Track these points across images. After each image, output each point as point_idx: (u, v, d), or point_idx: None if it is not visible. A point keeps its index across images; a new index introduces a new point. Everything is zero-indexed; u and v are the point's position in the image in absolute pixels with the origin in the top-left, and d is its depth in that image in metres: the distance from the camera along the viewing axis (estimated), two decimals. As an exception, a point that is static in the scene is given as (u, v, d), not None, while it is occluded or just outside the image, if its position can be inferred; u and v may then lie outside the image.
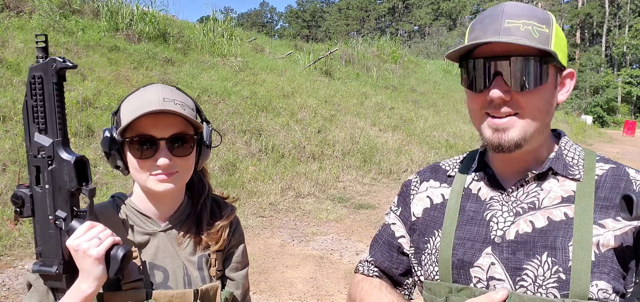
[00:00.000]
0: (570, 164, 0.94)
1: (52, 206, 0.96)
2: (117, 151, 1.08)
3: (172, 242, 1.15)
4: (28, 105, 0.95)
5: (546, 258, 0.86)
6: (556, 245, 0.87)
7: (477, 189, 0.99)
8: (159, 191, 1.08)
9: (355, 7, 71.72)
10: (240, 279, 1.25)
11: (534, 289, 0.86)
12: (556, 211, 0.90)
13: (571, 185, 0.92)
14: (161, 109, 1.03)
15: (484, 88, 0.88)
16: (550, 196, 0.92)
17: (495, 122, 0.88)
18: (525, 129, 0.88)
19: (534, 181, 0.94)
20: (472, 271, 0.92)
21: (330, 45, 18.12)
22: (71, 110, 6.20)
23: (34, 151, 0.95)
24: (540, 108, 0.88)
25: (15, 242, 4.28)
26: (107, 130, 1.09)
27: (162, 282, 1.11)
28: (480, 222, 0.95)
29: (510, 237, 0.91)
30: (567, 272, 0.84)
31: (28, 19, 8.54)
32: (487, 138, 0.90)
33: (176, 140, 1.08)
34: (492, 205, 0.96)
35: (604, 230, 0.86)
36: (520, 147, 0.89)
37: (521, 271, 0.88)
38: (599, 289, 0.83)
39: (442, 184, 1.06)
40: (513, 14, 0.86)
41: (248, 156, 7.58)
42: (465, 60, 0.92)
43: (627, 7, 48.98)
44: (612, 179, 0.91)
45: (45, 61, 0.93)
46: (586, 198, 0.89)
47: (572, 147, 0.97)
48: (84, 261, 0.93)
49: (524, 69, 0.85)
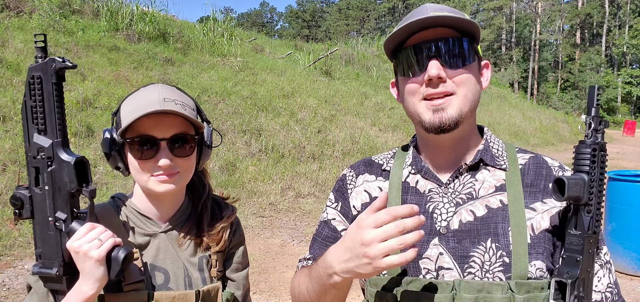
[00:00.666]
0: (496, 155, 1.01)
1: (52, 207, 0.95)
2: (117, 151, 1.08)
3: (173, 243, 1.15)
4: (27, 106, 0.94)
5: (490, 244, 0.92)
6: (498, 231, 0.93)
7: (415, 182, 1.03)
8: (160, 191, 1.07)
9: (355, 7, 71.70)
10: (241, 279, 1.24)
11: (482, 275, 0.91)
12: (493, 199, 0.96)
13: (501, 174, 0.99)
14: (162, 109, 1.02)
15: (421, 70, 0.93)
16: (485, 185, 0.98)
17: (434, 103, 0.93)
18: (461, 106, 0.93)
19: (467, 172, 1.00)
20: (421, 263, 0.94)
21: (330, 45, 18.11)
22: (71, 110, 6.20)
23: (33, 152, 0.94)
24: (471, 87, 0.94)
25: (15, 242, 4.28)
26: (107, 131, 1.08)
27: (163, 283, 1.11)
28: (424, 214, 0.96)
29: (454, 226, 0.95)
30: (510, 255, 0.91)
31: (28, 19, 8.53)
32: (428, 121, 0.94)
33: (177, 141, 1.07)
34: (432, 197, 0.99)
35: (535, 213, 0.94)
36: (458, 126, 0.94)
37: (468, 258, 0.92)
38: (537, 268, 0.90)
39: (378, 177, 1.08)
40: (436, 8, 0.94)
41: (248, 155, 7.58)
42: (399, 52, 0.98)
43: (627, 7, 48.97)
44: (535, 167, 1.00)
45: (44, 61, 0.92)
46: (515, 185, 0.96)
47: (495, 139, 1.05)
48: (84, 263, 0.93)
49: (454, 47, 0.92)
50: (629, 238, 4.70)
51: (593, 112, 0.90)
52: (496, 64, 51.17)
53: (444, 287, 0.91)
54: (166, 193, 1.08)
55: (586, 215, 0.88)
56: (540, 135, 18.31)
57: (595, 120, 0.90)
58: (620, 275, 4.79)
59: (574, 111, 34.45)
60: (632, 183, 4.65)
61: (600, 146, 0.89)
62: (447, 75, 0.92)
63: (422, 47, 0.93)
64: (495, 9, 53.97)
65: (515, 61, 51.26)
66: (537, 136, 18.10)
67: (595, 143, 0.89)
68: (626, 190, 4.68)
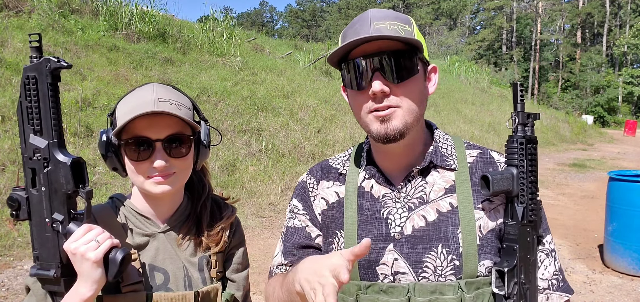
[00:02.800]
0: (446, 154, 1.03)
1: (49, 208, 0.94)
2: (114, 153, 1.07)
3: (172, 244, 1.14)
4: (22, 106, 0.93)
5: (441, 249, 0.96)
6: (448, 235, 0.96)
7: (370, 187, 1.05)
8: (156, 193, 1.06)
9: (355, 7, 71.65)
10: (241, 280, 1.23)
11: (435, 278, 0.95)
12: (442, 203, 0.99)
13: (450, 175, 1.01)
14: (155, 110, 1.01)
15: (364, 85, 0.95)
16: (435, 188, 1.01)
17: (380, 114, 0.95)
18: (405, 118, 0.95)
19: (419, 176, 1.02)
20: (379, 269, 0.98)
21: (330, 44, 18.10)
22: (70, 110, 6.19)
23: (30, 153, 0.93)
24: (415, 98, 0.96)
25: (14, 242, 4.27)
26: (104, 132, 1.07)
27: (162, 284, 1.10)
28: (379, 220, 1.01)
29: (407, 232, 0.98)
30: (460, 258, 0.95)
31: (27, 19, 8.52)
32: (375, 131, 0.96)
33: (173, 141, 1.06)
34: (386, 202, 1.02)
35: (483, 213, 0.98)
36: (404, 136, 0.96)
37: (422, 263, 0.96)
38: (486, 267, 0.95)
39: (334, 182, 1.10)
40: (379, 17, 0.94)
41: (248, 156, 7.57)
42: (344, 63, 0.98)
43: (628, 6, 48.96)
44: (482, 165, 1.03)
45: (39, 61, 0.91)
46: (464, 186, 0.99)
47: (444, 137, 1.07)
48: (82, 265, 0.92)
49: (398, 62, 0.93)
50: (629, 238, 4.69)
51: (518, 107, 0.94)
52: (497, 63, 51.18)
53: (400, 291, 0.94)
54: (163, 194, 1.07)
55: (519, 206, 0.93)
56: (541, 135, 18.28)
57: (521, 115, 0.94)
58: (621, 275, 4.78)
59: (575, 111, 34.45)
60: (632, 183, 4.64)
61: (529, 139, 0.94)
62: (390, 90, 0.94)
63: (366, 62, 0.94)
64: (495, 9, 53.97)
65: (515, 61, 51.28)
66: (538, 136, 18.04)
67: (522, 137, 0.93)
68: (627, 190, 4.67)
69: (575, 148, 18.60)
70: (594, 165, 13.17)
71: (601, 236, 5.37)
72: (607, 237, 5.00)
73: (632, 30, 42.59)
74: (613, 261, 4.92)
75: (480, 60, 47.66)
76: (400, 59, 0.93)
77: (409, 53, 0.94)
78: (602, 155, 15.76)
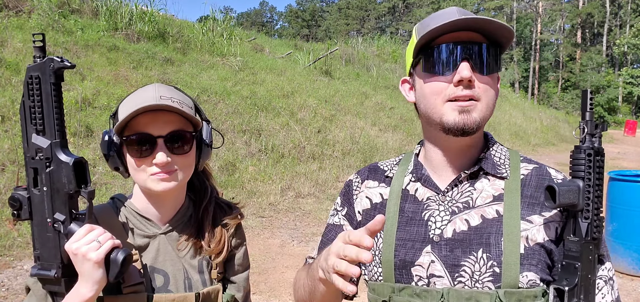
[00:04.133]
0: (498, 163, 1.00)
1: (51, 208, 0.94)
2: (116, 152, 1.07)
3: (173, 245, 1.13)
4: (25, 106, 0.92)
5: (481, 254, 0.92)
6: (490, 241, 0.93)
7: (415, 190, 1.04)
8: (158, 190, 1.06)
9: (355, 7, 71.66)
10: (242, 281, 1.23)
11: (471, 284, 0.91)
12: (489, 209, 0.96)
13: (500, 183, 0.98)
14: (157, 105, 1.01)
15: (451, 70, 0.93)
16: (483, 195, 0.98)
17: (461, 104, 0.92)
18: (483, 112, 0.94)
19: (467, 181, 1.00)
20: (414, 270, 0.96)
21: (330, 44, 18.09)
22: (70, 110, 6.18)
23: (32, 153, 0.93)
24: (493, 95, 0.96)
25: (14, 242, 4.27)
26: (106, 132, 1.07)
27: (162, 285, 1.10)
28: (419, 222, 0.99)
29: (447, 235, 0.95)
30: (500, 265, 0.90)
31: (27, 19, 8.51)
32: (452, 121, 0.93)
33: (174, 138, 1.06)
34: (429, 205, 1.00)
35: (532, 225, 0.93)
36: (478, 131, 0.95)
37: (459, 267, 0.93)
38: (529, 280, 0.90)
39: (380, 183, 1.09)
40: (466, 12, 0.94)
41: (248, 156, 7.57)
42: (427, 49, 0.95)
43: (628, 6, 48.96)
44: (537, 179, 0.99)
45: (42, 61, 0.91)
46: (513, 195, 0.96)
47: (498, 147, 1.05)
48: (83, 265, 0.91)
49: (487, 53, 0.93)
50: (629, 238, 4.69)
51: (587, 116, 0.89)
52: (496, 63, 51.06)
53: (434, 295, 0.92)
54: (165, 192, 1.07)
55: (584, 221, 0.87)
56: (541, 135, 18.30)
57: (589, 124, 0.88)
58: (621, 275, 4.79)
59: (575, 111, 34.43)
60: (633, 183, 4.64)
61: (596, 151, 0.88)
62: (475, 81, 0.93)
63: (455, 47, 0.92)
64: (495, 9, 53.96)
65: (515, 61, 51.26)
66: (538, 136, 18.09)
67: (590, 148, 0.88)
68: (627, 190, 4.67)
69: (575, 148, 18.52)
70: (593, 165, 13.13)
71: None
72: (607, 237, 5.00)
73: (632, 30, 42.57)
74: (613, 261, 4.92)
75: (480, 60, 47.50)
76: (489, 52, 0.93)
77: (496, 51, 0.95)
78: (602, 155, 15.74)
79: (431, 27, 0.92)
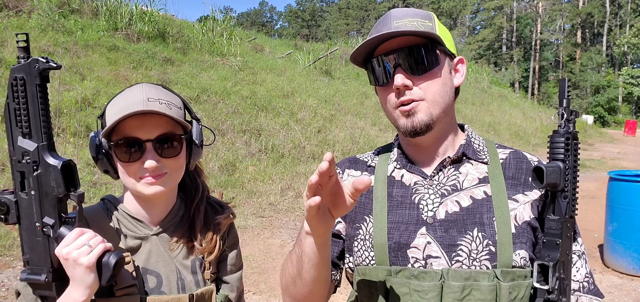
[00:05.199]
0: (478, 149, 1.05)
1: (39, 212, 0.92)
2: (104, 155, 1.05)
3: (165, 246, 1.12)
4: (10, 108, 0.90)
5: (477, 233, 0.95)
6: (483, 220, 0.96)
7: (400, 176, 1.06)
8: (148, 194, 1.05)
9: (355, 7, 71.62)
10: (235, 281, 1.22)
11: (469, 263, 0.93)
12: (477, 191, 0.99)
13: (483, 168, 1.03)
14: (144, 110, 0.99)
15: (388, 81, 0.99)
16: (469, 178, 1.01)
17: (404, 109, 0.98)
18: (430, 110, 0.97)
19: (451, 165, 1.03)
20: (409, 252, 0.97)
21: (330, 44, 18.09)
22: (70, 110, 6.18)
23: (18, 156, 0.91)
24: (438, 90, 0.98)
25: (14, 242, 4.26)
26: (94, 134, 1.05)
27: (155, 287, 1.08)
28: (410, 205, 1.01)
29: (440, 216, 0.98)
30: (495, 244, 0.94)
31: (27, 19, 8.51)
32: (402, 126, 0.99)
33: (164, 141, 1.04)
34: (417, 189, 1.02)
35: (518, 204, 0.98)
36: (431, 129, 0.98)
37: (456, 247, 0.95)
38: (521, 257, 0.94)
39: (363, 172, 1.11)
40: (399, 16, 0.98)
41: (248, 155, 7.56)
42: (368, 63, 1.03)
43: (628, 6, 48.91)
44: (516, 161, 1.05)
45: (27, 62, 0.88)
46: (498, 178, 1.00)
47: (476, 135, 1.09)
48: (74, 270, 0.90)
49: (418, 56, 0.96)
50: (629, 238, 4.68)
51: (564, 103, 0.94)
52: (497, 63, 51.14)
53: (433, 276, 0.93)
54: (155, 195, 1.06)
55: (563, 200, 0.93)
56: (541, 135, 18.27)
57: (567, 111, 0.94)
58: (621, 275, 4.77)
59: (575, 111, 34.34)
60: (633, 183, 4.62)
61: (573, 135, 0.94)
62: (413, 83, 0.97)
63: (387, 58, 0.98)
64: (495, 9, 53.91)
65: (515, 61, 51.24)
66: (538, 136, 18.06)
67: (568, 132, 0.93)
68: (627, 190, 4.66)
69: (575, 148, 18.50)
70: (594, 165, 13.15)
71: (601, 236, 5.36)
72: (607, 237, 4.98)
73: (632, 30, 42.53)
74: (613, 261, 4.91)
75: (480, 60, 47.62)
76: (420, 52, 0.96)
77: (430, 47, 0.97)
78: (602, 155, 15.74)
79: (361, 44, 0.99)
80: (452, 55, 1.03)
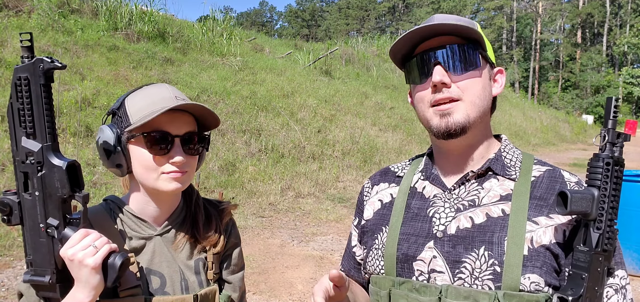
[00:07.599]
0: (508, 165, 1.00)
1: (43, 213, 0.91)
2: (121, 149, 1.05)
3: (168, 247, 1.12)
4: (13, 108, 0.89)
5: (483, 251, 0.91)
6: (493, 240, 0.92)
7: (422, 187, 1.05)
8: (169, 190, 1.06)
9: (355, 7, 71.62)
10: (237, 281, 1.22)
11: (471, 281, 0.91)
12: (494, 208, 0.95)
13: (510, 185, 0.98)
14: (179, 106, 1.02)
15: (426, 77, 0.96)
16: (490, 194, 0.97)
17: (440, 108, 0.95)
18: (467, 112, 0.94)
19: (475, 180, 1.00)
20: (415, 265, 0.97)
21: (330, 44, 18.09)
22: (70, 110, 6.18)
23: (22, 156, 0.90)
24: (477, 92, 0.95)
25: (14, 242, 4.26)
26: (111, 127, 1.05)
27: (159, 287, 1.08)
28: (423, 218, 1.00)
29: (451, 231, 0.96)
30: (502, 265, 0.89)
31: (27, 19, 8.51)
32: (436, 126, 0.96)
33: (190, 139, 1.08)
34: (435, 202, 1.01)
35: (538, 227, 0.92)
36: (466, 132, 0.95)
37: (460, 263, 0.92)
38: (531, 282, 0.88)
39: (391, 184, 1.12)
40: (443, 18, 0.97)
41: (248, 155, 7.56)
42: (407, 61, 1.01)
43: (628, 6, 48.93)
44: (548, 180, 0.97)
45: (31, 61, 0.88)
46: (522, 197, 0.95)
47: (511, 149, 1.04)
48: (80, 271, 0.90)
49: (460, 54, 0.94)
50: (629, 238, 4.69)
51: (609, 124, 0.85)
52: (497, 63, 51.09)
53: (432, 291, 0.92)
54: (175, 191, 1.07)
55: (595, 231, 0.84)
56: (541, 135, 18.29)
57: (611, 133, 0.84)
58: (621, 276, 4.78)
59: (575, 111, 34.45)
60: (632, 183, 4.63)
61: (615, 161, 0.84)
62: (451, 81, 0.94)
63: (427, 55, 0.96)
64: (495, 9, 53.93)
65: (516, 61, 51.25)
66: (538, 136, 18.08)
67: (609, 157, 0.84)
68: (627, 190, 4.66)
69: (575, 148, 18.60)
70: (594, 165, 13.14)
71: (601, 237, 5.36)
72: (607, 237, 4.98)
73: (633, 30, 42.56)
74: (613, 262, 4.92)
75: (481, 60, 47.51)
76: (462, 50, 0.95)
77: (472, 48, 0.96)
78: (602, 155, 15.74)
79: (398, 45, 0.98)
80: (492, 63, 1.01)
